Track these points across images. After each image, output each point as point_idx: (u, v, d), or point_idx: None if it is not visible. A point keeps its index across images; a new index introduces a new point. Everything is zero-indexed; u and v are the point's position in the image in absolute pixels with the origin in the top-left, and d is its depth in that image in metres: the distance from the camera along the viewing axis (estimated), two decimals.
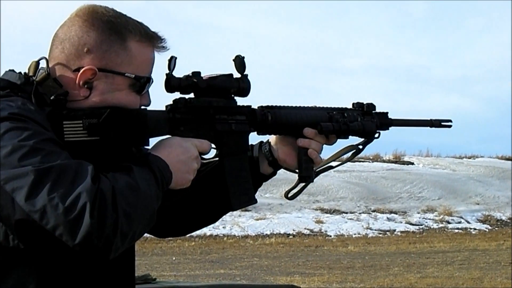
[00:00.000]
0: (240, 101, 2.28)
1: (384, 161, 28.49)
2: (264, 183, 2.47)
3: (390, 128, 2.57)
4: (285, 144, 2.41)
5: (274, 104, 2.36)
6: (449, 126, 2.70)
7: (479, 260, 14.45)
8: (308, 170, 2.42)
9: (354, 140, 2.52)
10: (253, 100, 2.34)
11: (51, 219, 1.70)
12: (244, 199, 2.32)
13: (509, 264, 13.60)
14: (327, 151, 2.52)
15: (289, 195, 2.56)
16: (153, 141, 2.10)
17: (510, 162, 30.26)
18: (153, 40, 2.07)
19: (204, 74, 2.18)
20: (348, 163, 2.86)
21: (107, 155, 1.96)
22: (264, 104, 2.36)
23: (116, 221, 1.74)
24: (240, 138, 2.29)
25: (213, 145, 2.21)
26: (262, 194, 20.95)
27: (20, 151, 1.74)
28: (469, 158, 30.80)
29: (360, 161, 27.30)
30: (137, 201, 1.81)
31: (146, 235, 2.00)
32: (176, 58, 2.11)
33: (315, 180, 2.51)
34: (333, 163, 2.56)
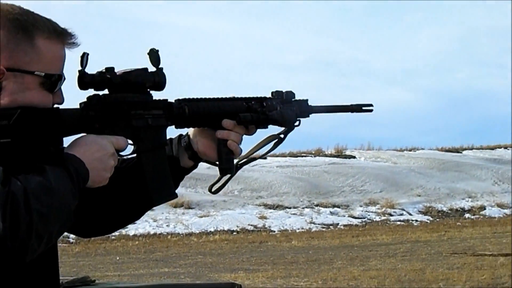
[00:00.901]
0: (158, 95, 2.25)
1: (326, 155, 28.67)
2: (206, 180, 2.44)
3: (310, 115, 2.54)
4: (204, 137, 2.38)
5: (192, 97, 2.32)
6: (370, 111, 2.68)
7: (421, 251, 14.62)
8: (228, 162, 2.38)
9: (276, 129, 2.49)
10: (195, 95, 2.33)
11: None
12: (164, 194, 2.29)
13: (450, 254, 13.79)
14: (251, 143, 2.51)
15: (213, 189, 2.51)
16: (68, 140, 2.05)
17: (450, 153, 30.73)
18: (62, 37, 2.02)
19: (118, 69, 2.15)
20: (291, 158, 2.86)
21: (19, 157, 1.91)
22: (183, 97, 2.32)
23: (31, 223, 1.71)
24: (157, 132, 2.26)
25: (130, 141, 2.18)
26: (205, 191, 20.93)
27: None
28: (410, 150, 31.18)
29: (302, 156, 27.43)
30: (51, 201, 1.77)
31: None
32: (88, 54, 2.07)
33: (258, 176, 2.50)
34: (256, 154, 2.55)
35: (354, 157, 28.94)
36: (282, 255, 14.73)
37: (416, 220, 21.43)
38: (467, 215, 22.60)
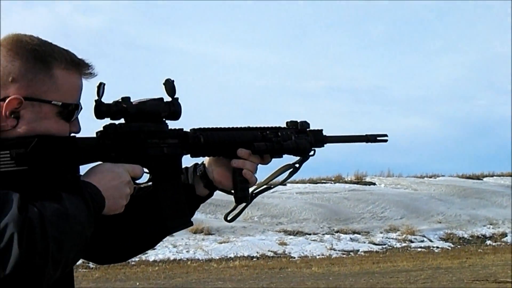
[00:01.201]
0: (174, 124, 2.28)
1: (346, 182, 28.58)
2: (226, 206, 2.45)
3: (325, 145, 2.56)
4: (220, 165, 2.41)
5: (207, 126, 2.36)
6: (385, 141, 2.72)
7: (442, 278, 14.51)
8: (243, 191, 2.41)
9: (291, 159, 2.51)
10: (215, 124, 2.35)
11: None
12: (179, 222, 2.32)
13: (471, 281, 13.68)
14: (267, 171, 2.52)
15: (229, 218, 2.55)
16: (84, 168, 2.08)
17: (470, 180, 30.56)
18: (79, 67, 2.06)
19: (134, 99, 2.18)
20: (311, 184, 2.86)
21: (37, 184, 1.94)
22: (199, 127, 2.35)
23: (47, 249, 1.73)
24: (173, 161, 2.28)
25: (145, 170, 2.21)
26: None
27: None
28: (430, 177, 31.04)
29: (322, 182, 27.38)
30: (67, 227, 1.80)
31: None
32: (104, 84, 2.11)
33: (278, 202, 2.51)
34: (272, 183, 2.55)
35: (374, 184, 28.84)
36: (302, 281, 14.67)
37: (437, 247, 21.29)
38: (488, 242, 22.43)
